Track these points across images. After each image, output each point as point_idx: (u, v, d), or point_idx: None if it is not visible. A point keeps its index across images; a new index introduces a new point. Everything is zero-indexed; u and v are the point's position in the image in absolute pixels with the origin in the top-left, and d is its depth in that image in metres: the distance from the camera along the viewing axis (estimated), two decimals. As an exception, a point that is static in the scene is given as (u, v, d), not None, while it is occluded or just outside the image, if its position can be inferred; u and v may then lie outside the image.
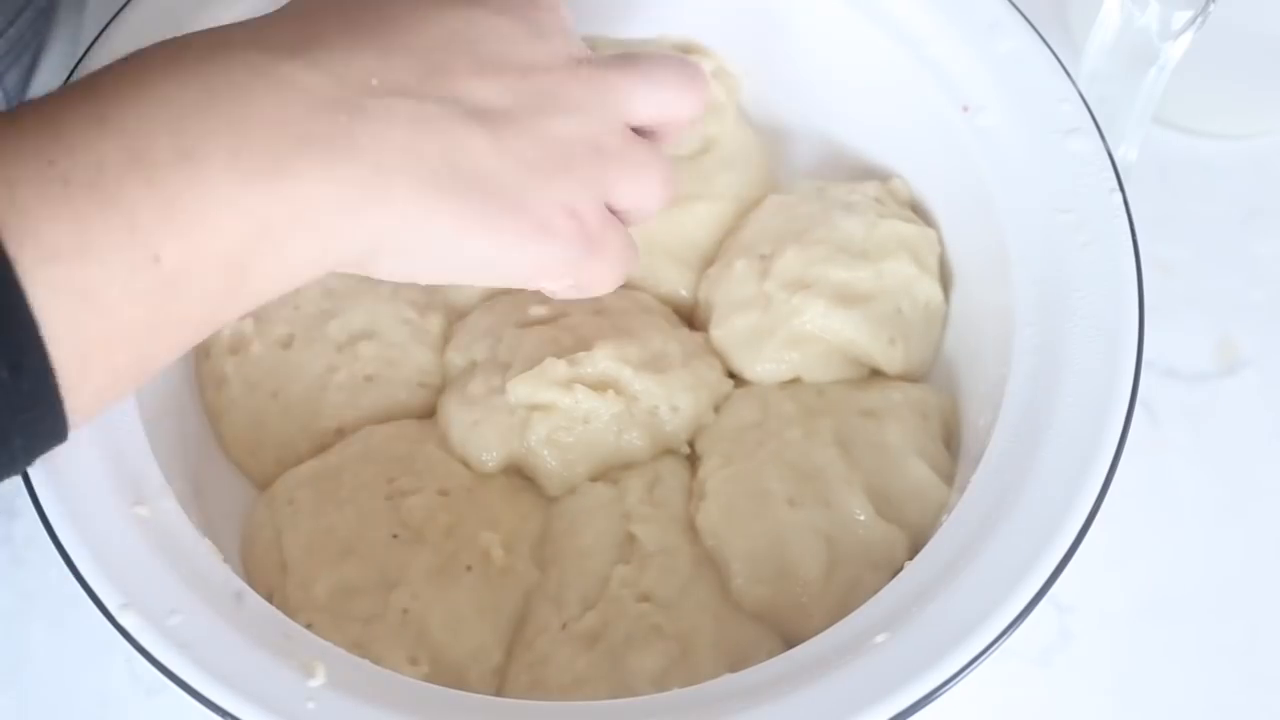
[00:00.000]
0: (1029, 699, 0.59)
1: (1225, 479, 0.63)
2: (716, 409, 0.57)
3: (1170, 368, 0.65)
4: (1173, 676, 0.59)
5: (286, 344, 0.57)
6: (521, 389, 0.54)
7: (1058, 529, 0.46)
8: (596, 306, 0.58)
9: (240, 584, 0.47)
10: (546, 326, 0.57)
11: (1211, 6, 0.55)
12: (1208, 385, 0.65)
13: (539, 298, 0.57)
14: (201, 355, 0.58)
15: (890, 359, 0.57)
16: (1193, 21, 0.56)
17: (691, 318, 0.60)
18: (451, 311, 0.60)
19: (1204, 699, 0.59)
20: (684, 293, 0.60)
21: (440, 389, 0.58)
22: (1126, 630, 0.60)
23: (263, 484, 0.56)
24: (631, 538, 0.54)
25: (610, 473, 0.56)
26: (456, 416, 0.56)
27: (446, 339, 0.59)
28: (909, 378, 0.58)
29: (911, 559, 0.49)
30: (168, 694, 0.44)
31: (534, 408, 0.55)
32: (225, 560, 0.48)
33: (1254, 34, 0.64)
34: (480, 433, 0.55)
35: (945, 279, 0.59)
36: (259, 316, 0.57)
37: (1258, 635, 0.60)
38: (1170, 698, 0.59)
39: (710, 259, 0.61)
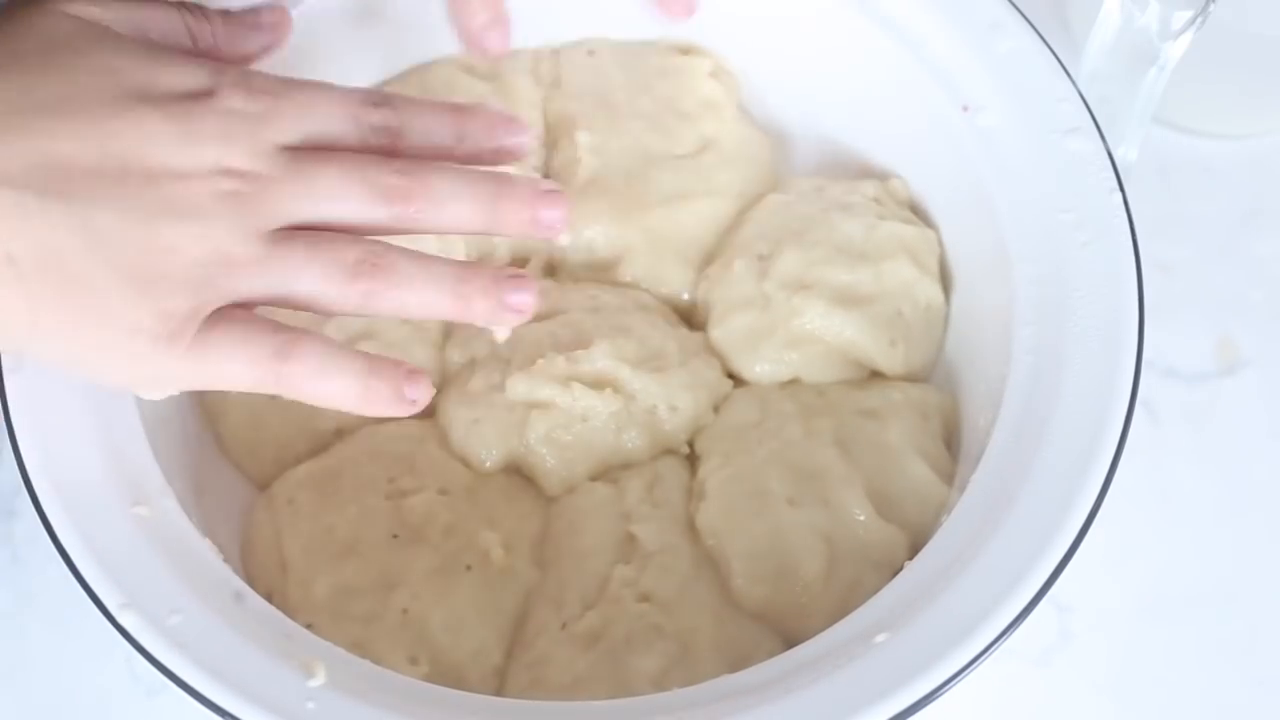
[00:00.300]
0: (1029, 699, 0.59)
1: (1225, 479, 0.63)
2: (716, 409, 0.57)
3: (1170, 368, 0.65)
4: (1172, 676, 0.59)
5: None
6: (520, 385, 0.54)
7: (1058, 529, 0.46)
8: (594, 304, 0.58)
9: (240, 584, 0.47)
10: (547, 322, 0.57)
11: (1211, 6, 0.55)
12: (1208, 385, 0.65)
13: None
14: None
15: (891, 361, 0.57)
16: (1193, 21, 0.56)
17: (691, 317, 0.60)
18: None
19: (1203, 699, 0.59)
20: (684, 293, 0.60)
21: (440, 387, 0.58)
22: (1126, 630, 0.60)
23: (262, 484, 0.56)
24: (631, 538, 0.53)
25: (610, 472, 0.56)
26: (457, 415, 0.56)
27: (446, 336, 0.59)
28: (910, 379, 0.58)
29: (911, 559, 0.49)
30: (168, 694, 0.44)
31: (533, 405, 0.55)
32: (225, 560, 0.48)
33: (1253, 34, 0.64)
34: (480, 431, 0.55)
35: (945, 279, 0.59)
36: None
37: (1257, 635, 0.60)
38: (1170, 698, 0.59)
39: (713, 257, 0.61)
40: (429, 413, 0.57)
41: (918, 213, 0.60)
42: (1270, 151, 0.71)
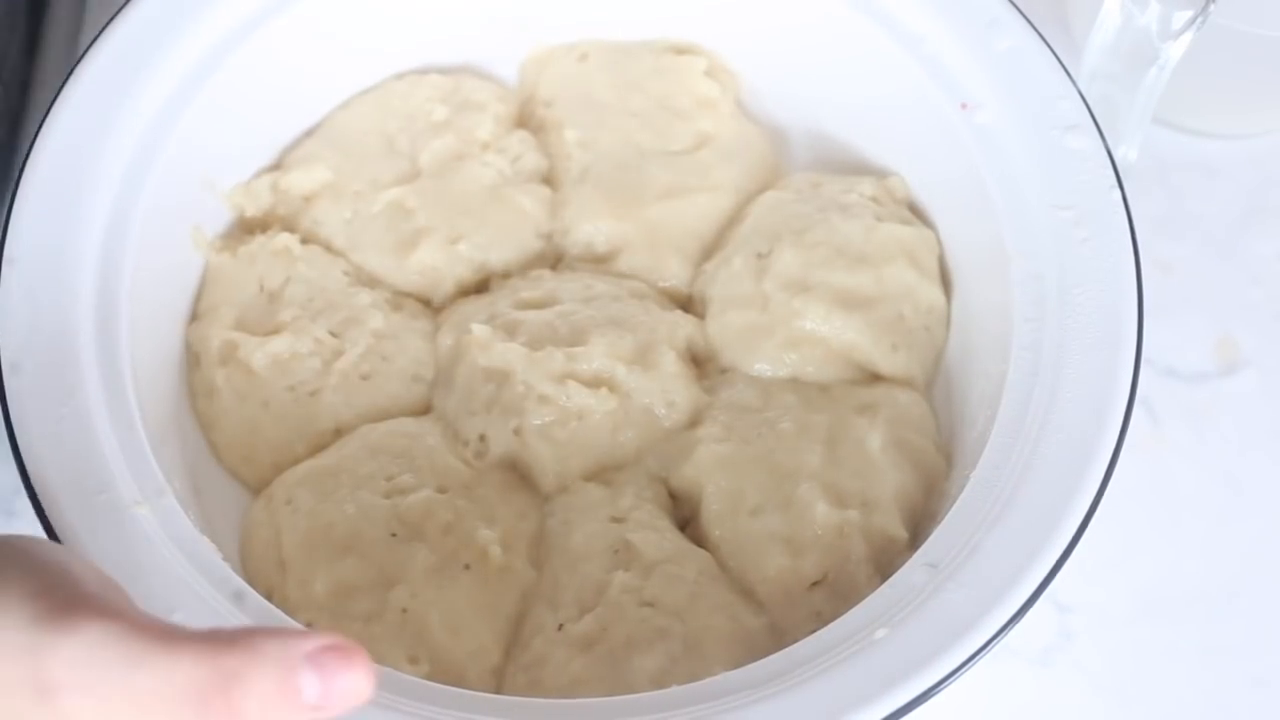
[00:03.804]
0: (1029, 698, 0.59)
1: (1224, 478, 0.63)
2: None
3: (1170, 367, 0.65)
4: (1173, 676, 0.59)
5: (278, 351, 0.57)
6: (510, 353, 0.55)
7: (1056, 527, 0.46)
8: (588, 294, 0.58)
9: (240, 583, 0.47)
10: (541, 311, 0.57)
11: (1211, 6, 0.55)
12: (1208, 385, 0.65)
13: (528, 286, 0.58)
14: (192, 363, 0.58)
15: (894, 365, 0.57)
16: (1193, 21, 0.56)
17: (688, 310, 0.60)
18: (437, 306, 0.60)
19: (1204, 699, 0.59)
20: (683, 286, 0.60)
21: (434, 383, 0.58)
22: (1126, 630, 0.60)
23: (259, 489, 0.56)
24: (629, 545, 0.53)
25: (605, 473, 0.56)
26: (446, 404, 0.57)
27: (437, 327, 0.59)
28: (912, 383, 0.57)
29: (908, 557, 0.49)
30: (167, 692, 0.44)
31: (537, 397, 0.55)
32: (224, 559, 0.48)
33: (1253, 34, 0.64)
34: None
35: (944, 277, 0.59)
36: (249, 326, 0.57)
37: (1257, 635, 0.60)
38: (1170, 698, 0.59)
39: (712, 252, 0.61)
40: (424, 410, 0.58)
41: (916, 211, 0.60)
42: (1270, 151, 0.71)
